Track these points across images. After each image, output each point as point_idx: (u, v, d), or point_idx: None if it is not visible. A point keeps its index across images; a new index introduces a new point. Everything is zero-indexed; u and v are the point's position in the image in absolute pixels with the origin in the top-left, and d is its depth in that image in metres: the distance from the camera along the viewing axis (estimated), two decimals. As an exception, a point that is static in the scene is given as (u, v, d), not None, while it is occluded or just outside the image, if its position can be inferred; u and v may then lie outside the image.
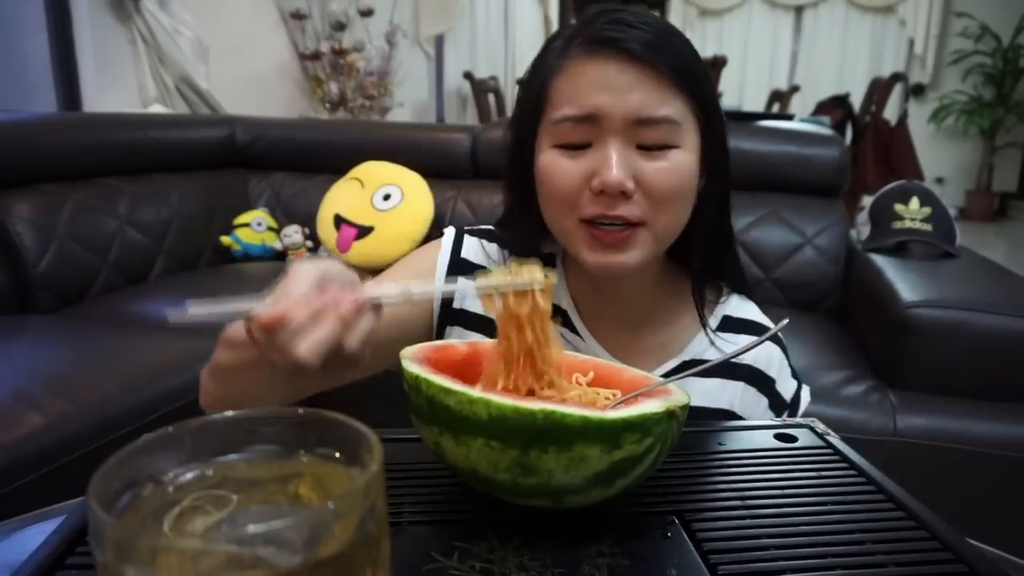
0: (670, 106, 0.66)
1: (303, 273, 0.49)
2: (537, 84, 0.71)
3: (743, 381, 0.76)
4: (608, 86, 0.66)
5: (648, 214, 0.67)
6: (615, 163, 0.65)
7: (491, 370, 0.52)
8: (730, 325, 0.79)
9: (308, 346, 0.46)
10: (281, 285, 0.49)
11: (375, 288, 0.51)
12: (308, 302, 0.47)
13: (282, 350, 0.46)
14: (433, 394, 0.45)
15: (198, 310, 0.45)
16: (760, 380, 0.77)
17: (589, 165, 0.67)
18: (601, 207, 0.66)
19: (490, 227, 0.83)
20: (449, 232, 0.83)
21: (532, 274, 0.51)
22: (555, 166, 0.68)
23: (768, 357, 0.78)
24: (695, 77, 0.68)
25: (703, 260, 0.76)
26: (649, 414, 0.43)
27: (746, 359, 0.77)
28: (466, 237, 0.82)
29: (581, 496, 0.45)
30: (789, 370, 0.79)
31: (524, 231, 0.77)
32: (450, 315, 0.78)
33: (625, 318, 0.77)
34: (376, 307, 0.51)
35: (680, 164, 0.67)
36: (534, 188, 0.72)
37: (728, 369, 0.76)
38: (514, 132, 0.74)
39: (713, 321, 0.79)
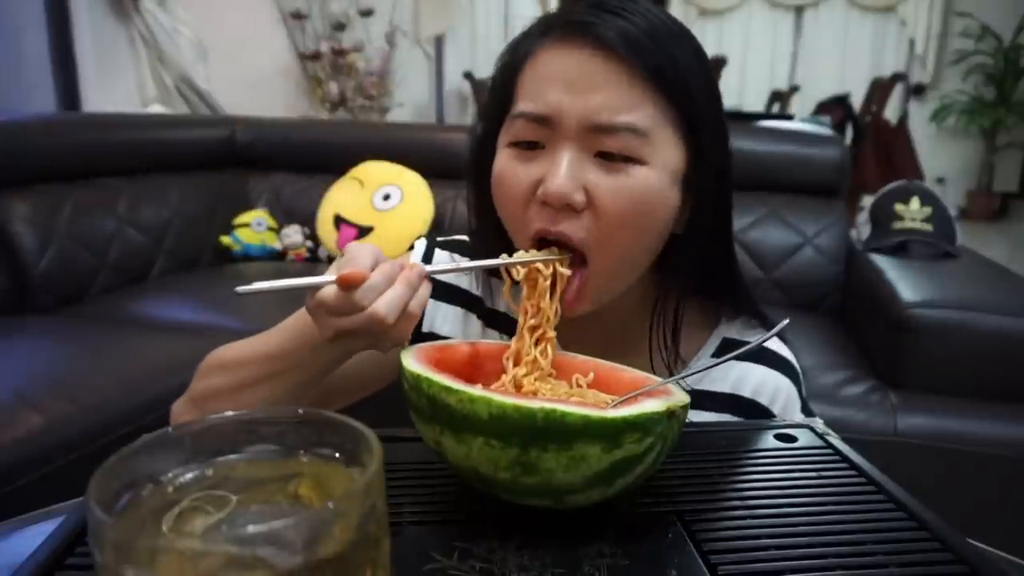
0: (637, 112, 0.57)
1: (363, 247, 0.53)
2: (508, 70, 0.63)
3: (744, 418, 0.69)
4: (569, 82, 0.58)
5: (594, 237, 0.58)
6: (562, 172, 0.57)
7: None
8: (731, 349, 0.69)
9: (385, 302, 0.51)
10: (342, 259, 0.53)
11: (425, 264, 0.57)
12: (379, 265, 0.52)
13: (358, 307, 0.50)
14: (434, 393, 0.45)
15: (263, 285, 0.49)
16: (761, 416, 0.69)
17: (538, 171, 0.59)
18: (546, 221, 0.59)
19: (464, 237, 0.76)
20: (419, 245, 0.77)
21: (553, 253, 0.58)
22: (506, 169, 0.61)
23: (774, 390, 0.70)
24: (682, 81, 0.58)
25: (695, 285, 0.68)
26: (649, 413, 0.43)
27: (746, 392, 0.69)
28: (436, 251, 0.75)
29: (581, 496, 0.45)
30: (799, 404, 0.71)
31: (488, 238, 0.68)
32: (420, 339, 0.73)
33: (605, 339, 0.67)
34: (429, 279, 0.55)
35: (639, 185, 0.58)
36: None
37: (730, 404, 0.69)
38: (482, 123, 0.67)
39: (710, 345, 0.71)
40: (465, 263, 0.60)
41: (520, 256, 0.58)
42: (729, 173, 0.65)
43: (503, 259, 0.57)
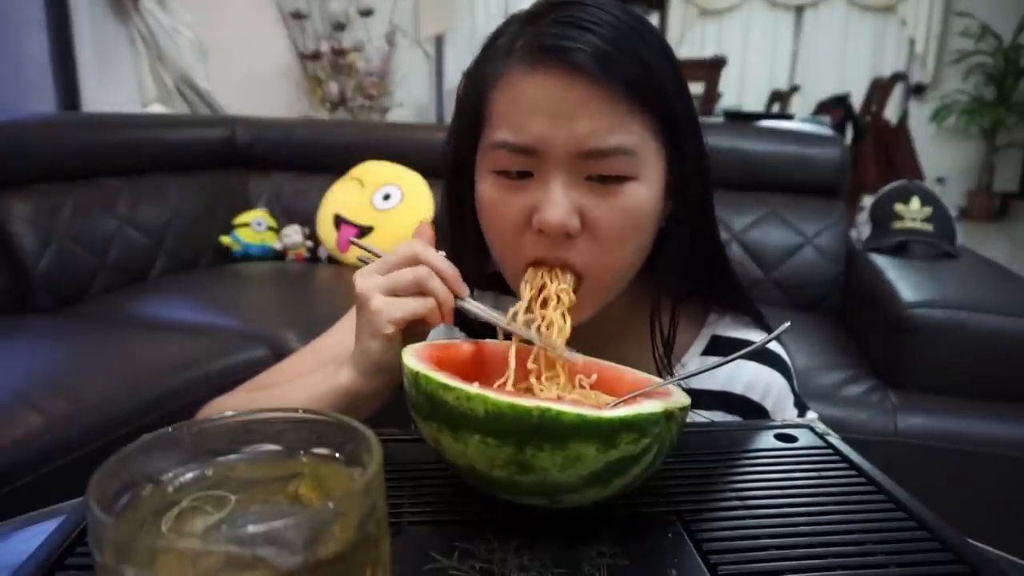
0: (624, 132, 0.57)
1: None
2: (476, 91, 0.62)
3: (736, 415, 0.69)
4: (550, 111, 0.56)
5: (591, 258, 0.59)
6: (556, 201, 0.56)
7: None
8: (719, 347, 0.71)
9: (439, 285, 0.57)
10: (396, 256, 0.58)
11: (468, 302, 0.58)
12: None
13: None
14: (432, 390, 0.45)
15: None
16: (753, 412, 0.69)
17: (530, 200, 0.58)
18: (543, 249, 0.59)
19: None
20: None
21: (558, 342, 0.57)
22: (495, 198, 0.60)
23: (766, 386, 0.70)
24: (658, 87, 0.58)
25: (683, 283, 0.68)
26: (646, 414, 0.43)
27: (737, 388, 0.69)
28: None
29: (578, 495, 0.45)
30: (792, 398, 0.71)
31: (466, 251, 0.68)
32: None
33: (593, 340, 0.64)
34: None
35: (634, 201, 0.58)
36: (473, 206, 0.64)
37: (721, 401, 0.69)
38: (453, 143, 0.65)
39: (700, 343, 0.72)
40: (489, 312, 0.58)
41: (532, 333, 0.57)
42: (707, 168, 0.65)
43: (516, 323, 0.57)
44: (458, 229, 0.68)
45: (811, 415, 0.71)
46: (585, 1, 0.58)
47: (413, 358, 0.49)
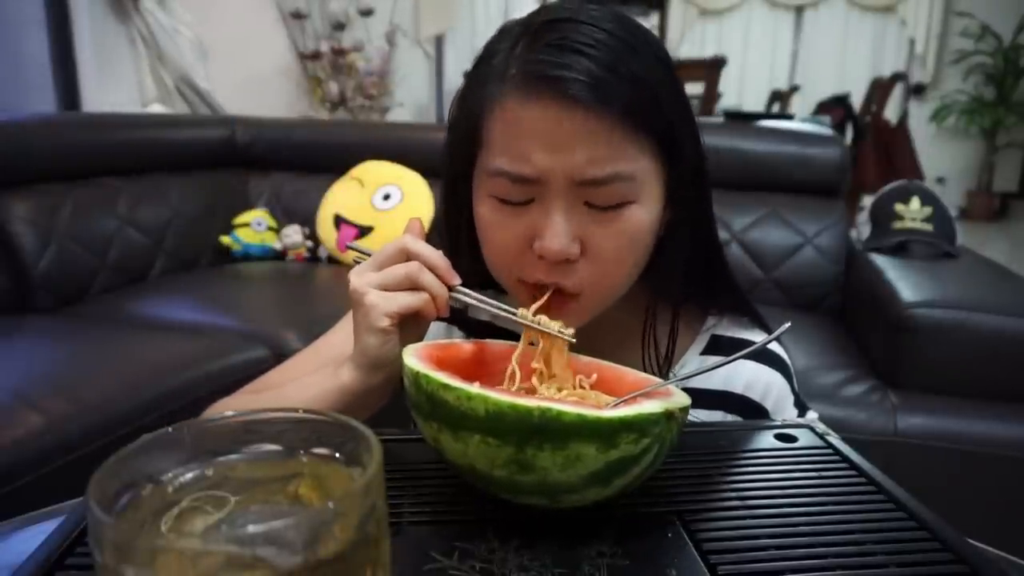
0: (622, 159, 0.57)
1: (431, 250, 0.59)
2: (470, 114, 0.61)
3: (736, 414, 0.69)
4: (548, 141, 0.56)
5: (588, 279, 0.59)
6: (558, 229, 0.57)
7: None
8: (720, 347, 0.71)
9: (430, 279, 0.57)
10: (382, 254, 0.59)
11: (463, 293, 0.59)
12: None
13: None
14: (433, 390, 0.45)
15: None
16: (752, 412, 0.70)
17: (531, 224, 0.58)
18: (542, 273, 0.59)
19: None
20: None
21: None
22: (495, 222, 0.61)
23: (765, 385, 0.70)
24: (655, 104, 0.57)
25: (682, 287, 0.68)
26: (646, 415, 0.43)
27: (737, 388, 0.70)
28: None
29: (578, 495, 0.45)
30: (792, 398, 0.71)
31: (464, 254, 0.68)
32: (454, 318, 0.76)
33: (592, 345, 0.63)
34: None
35: (633, 224, 0.59)
36: (470, 212, 0.64)
37: (720, 401, 0.69)
38: (448, 159, 0.66)
39: (699, 344, 0.72)
40: (486, 300, 0.59)
41: (531, 317, 0.58)
42: (705, 171, 0.65)
43: (521, 315, 0.58)
44: (455, 233, 0.68)
45: (811, 415, 0.71)
46: (578, 17, 0.57)
47: (413, 358, 0.49)
